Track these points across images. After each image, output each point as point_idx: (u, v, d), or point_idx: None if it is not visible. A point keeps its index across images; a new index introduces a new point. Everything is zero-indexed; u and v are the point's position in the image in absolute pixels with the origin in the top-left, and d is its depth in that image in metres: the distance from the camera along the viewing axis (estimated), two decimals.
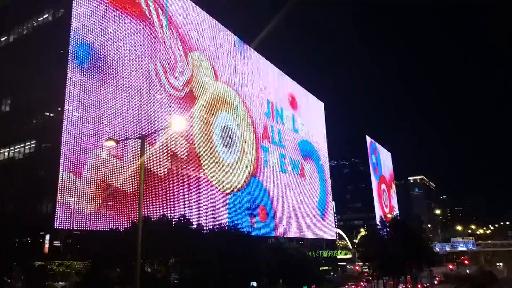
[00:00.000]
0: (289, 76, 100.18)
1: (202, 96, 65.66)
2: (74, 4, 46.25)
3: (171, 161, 56.23)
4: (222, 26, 75.89)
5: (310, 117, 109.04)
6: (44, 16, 50.98)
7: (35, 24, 51.98)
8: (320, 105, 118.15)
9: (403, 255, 56.32)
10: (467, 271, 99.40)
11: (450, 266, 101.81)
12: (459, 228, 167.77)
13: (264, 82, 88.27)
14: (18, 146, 48.01)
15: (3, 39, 55.59)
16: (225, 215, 64.89)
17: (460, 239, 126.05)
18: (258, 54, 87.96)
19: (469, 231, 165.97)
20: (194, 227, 37.45)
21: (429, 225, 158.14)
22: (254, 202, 74.82)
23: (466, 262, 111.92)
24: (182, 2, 65.25)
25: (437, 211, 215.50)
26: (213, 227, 42.29)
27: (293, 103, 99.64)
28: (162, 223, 34.94)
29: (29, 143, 47.18)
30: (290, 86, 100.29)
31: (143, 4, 56.22)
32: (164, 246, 31.36)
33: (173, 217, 37.23)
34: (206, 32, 70.57)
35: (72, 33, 45.37)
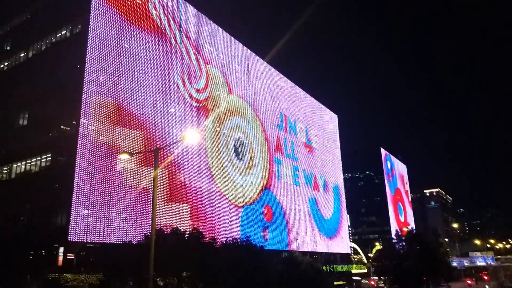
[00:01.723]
0: (302, 88, 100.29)
1: (216, 109, 66.07)
2: (91, 21, 47.29)
3: (184, 174, 56.41)
4: (235, 40, 76.62)
5: (324, 130, 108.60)
6: (62, 32, 52.18)
7: (53, 40, 53.22)
8: (334, 117, 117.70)
9: (419, 270, 55.08)
10: (487, 286, 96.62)
11: (469, 282, 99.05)
12: (477, 242, 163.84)
13: (277, 94, 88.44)
14: (34, 159, 48.79)
15: (22, 54, 57.02)
16: (238, 228, 64.57)
17: (478, 254, 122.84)
18: (271, 66, 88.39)
19: (488, 245, 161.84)
20: (206, 240, 37.29)
21: (446, 239, 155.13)
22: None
23: (486, 277, 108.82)
24: (196, 16, 66.19)
25: (455, 225, 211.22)
26: (225, 240, 42.07)
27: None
28: (174, 236, 34.88)
29: (45, 156, 47.89)
30: (303, 98, 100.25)
31: (158, 20, 57.16)
32: (176, 259, 31.25)
33: (185, 230, 37.16)
34: (220, 46, 71.31)
35: (88, 48, 46.30)
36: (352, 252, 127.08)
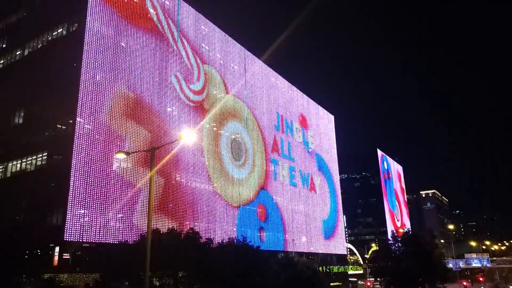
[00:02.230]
0: (299, 88, 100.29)
1: (212, 109, 65.91)
2: (87, 19, 47.04)
3: (180, 174, 56.23)
4: (232, 40, 76.50)
5: (320, 130, 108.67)
6: (59, 30, 51.89)
7: (49, 38, 52.91)
8: (331, 118, 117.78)
9: (415, 271, 55.14)
10: None
11: (464, 283, 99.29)
12: (473, 244, 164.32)
13: (274, 94, 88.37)
14: (30, 158, 48.45)
15: (18, 52, 56.65)
16: (234, 229, 64.45)
17: (474, 255, 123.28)
18: (268, 67, 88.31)
19: (483, 247, 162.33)
20: (203, 240, 37.15)
21: (442, 241, 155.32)
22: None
23: (481, 279, 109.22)
24: (193, 16, 66.04)
25: (450, 226, 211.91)
26: (222, 241, 41.92)
27: (303, 121, 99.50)
28: (171, 236, 34.73)
29: (40, 155, 47.56)
30: (300, 99, 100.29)
31: (155, 18, 56.92)
32: (172, 260, 31.11)
33: (182, 230, 37.02)
34: (217, 46, 71.16)
35: (85, 46, 46.05)
36: (348, 253, 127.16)
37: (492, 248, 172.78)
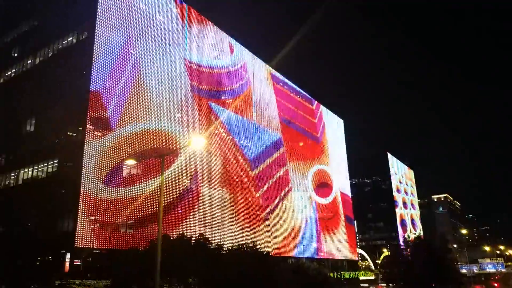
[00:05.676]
0: (307, 93, 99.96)
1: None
2: (97, 27, 47.57)
3: (190, 180, 56.26)
4: (242, 47, 76.72)
5: (330, 134, 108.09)
6: (69, 39, 52.51)
7: (60, 46, 53.55)
8: (340, 122, 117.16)
9: (427, 277, 54.36)
10: None
11: None
12: (487, 248, 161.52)
13: (279, 101, 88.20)
14: (41, 165, 48.88)
15: (29, 61, 57.42)
16: (244, 234, 64.15)
17: (488, 260, 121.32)
18: (277, 72, 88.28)
19: (498, 251, 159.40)
20: (213, 246, 37.07)
21: (455, 245, 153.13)
22: None
23: (496, 284, 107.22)
24: (202, 25, 66.46)
25: (463, 231, 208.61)
26: (232, 246, 41.79)
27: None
28: (181, 242, 34.72)
29: (51, 162, 47.96)
30: (308, 103, 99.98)
31: (164, 26, 57.35)
32: (182, 266, 31.07)
33: (191, 236, 36.99)
34: (226, 56, 71.42)
35: (95, 54, 46.51)
36: (360, 258, 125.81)
37: (507, 253, 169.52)
